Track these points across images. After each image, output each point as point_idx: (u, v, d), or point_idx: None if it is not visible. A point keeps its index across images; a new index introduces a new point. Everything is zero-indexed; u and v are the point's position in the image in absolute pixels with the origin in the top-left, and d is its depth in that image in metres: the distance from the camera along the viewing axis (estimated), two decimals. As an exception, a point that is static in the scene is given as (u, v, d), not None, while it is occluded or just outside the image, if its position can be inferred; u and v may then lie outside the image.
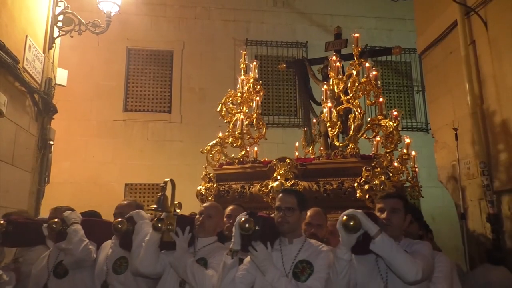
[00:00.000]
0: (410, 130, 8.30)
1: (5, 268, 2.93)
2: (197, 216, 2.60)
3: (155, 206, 2.51)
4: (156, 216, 2.70)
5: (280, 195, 2.35)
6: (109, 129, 7.79)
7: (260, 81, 4.90)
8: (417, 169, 4.85)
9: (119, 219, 2.64)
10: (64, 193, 6.87)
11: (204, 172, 4.34)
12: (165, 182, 2.54)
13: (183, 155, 7.60)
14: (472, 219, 4.67)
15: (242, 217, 2.19)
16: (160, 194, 2.52)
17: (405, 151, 4.62)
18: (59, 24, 5.50)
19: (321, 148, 5.27)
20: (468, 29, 4.70)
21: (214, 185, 4.20)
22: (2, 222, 3.03)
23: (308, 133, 5.36)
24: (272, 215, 2.40)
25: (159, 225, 2.43)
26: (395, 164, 4.27)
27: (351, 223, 1.96)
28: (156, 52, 8.39)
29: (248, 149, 4.50)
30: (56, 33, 5.52)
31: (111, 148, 7.71)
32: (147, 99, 8.25)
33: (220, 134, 4.49)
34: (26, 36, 4.79)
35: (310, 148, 5.30)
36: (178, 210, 2.58)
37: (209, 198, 4.11)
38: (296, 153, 5.39)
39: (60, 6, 5.52)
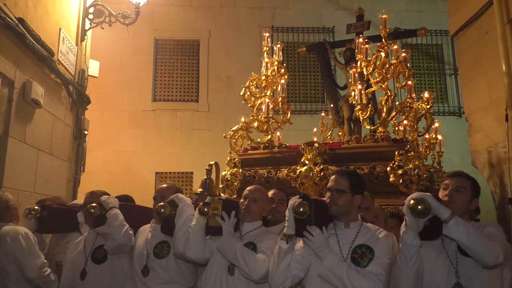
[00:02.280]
0: (442, 114, 8.08)
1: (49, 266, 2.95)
2: (242, 200, 2.53)
3: (200, 189, 2.44)
4: (198, 200, 2.66)
5: (333, 176, 2.21)
6: (139, 119, 7.96)
7: (285, 64, 4.85)
8: (442, 154, 4.74)
9: (161, 203, 2.54)
10: (99, 181, 7.09)
11: (228, 158, 4.31)
12: (210, 165, 2.49)
13: (212, 144, 7.69)
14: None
15: (296, 200, 2.08)
16: (205, 177, 2.46)
17: (433, 135, 4.53)
18: (90, 16, 5.65)
19: (340, 133, 5.21)
20: (505, 8, 4.49)
21: (240, 171, 4.15)
22: (36, 207, 3.04)
23: (327, 118, 5.26)
24: (324, 198, 2.27)
25: (206, 209, 2.36)
26: (420, 148, 4.20)
27: (420, 207, 1.85)
28: (182, 42, 8.46)
29: (272, 134, 4.46)
30: (87, 25, 5.66)
31: (141, 137, 7.89)
32: (175, 88, 8.36)
33: (242, 119, 4.46)
34: (60, 29, 4.94)
35: (329, 134, 5.24)
36: (222, 194, 2.54)
37: (235, 184, 4.09)
38: (315, 139, 5.34)
39: (90, -1, 5.65)
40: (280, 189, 3.05)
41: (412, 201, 1.89)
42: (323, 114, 5.45)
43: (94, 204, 2.70)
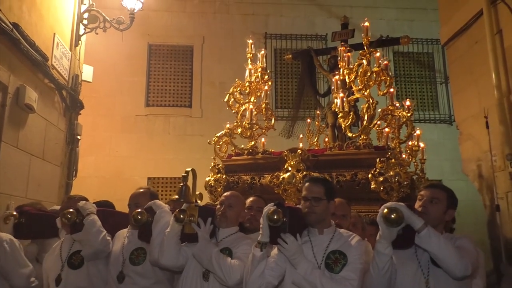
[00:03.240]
0: (433, 122, 8.19)
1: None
2: (218, 206, 2.53)
3: (176, 196, 2.42)
4: (174, 207, 2.64)
5: (306, 184, 2.24)
6: (132, 124, 7.93)
7: (268, 71, 4.88)
8: (425, 161, 4.81)
9: (139, 210, 2.51)
10: (90, 186, 7.04)
11: (212, 163, 4.31)
12: (187, 172, 2.47)
13: (204, 149, 7.62)
14: (499, 212, 4.60)
15: (270, 208, 2.09)
16: (181, 184, 2.44)
17: (415, 142, 4.60)
18: (85, 21, 5.64)
19: (326, 139, 5.26)
20: (494, 18, 4.61)
21: (223, 176, 4.14)
22: (14, 213, 2.97)
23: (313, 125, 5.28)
24: (299, 205, 2.29)
25: (181, 216, 2.34)
26: (403, 156, 4.25)
27: (393, 216, 1.87)
28: (176, 47, 8.48)
29: (256, 140, 4.45)
30: (81, 31, 5.65)
31: (134, 142, 7.86)
32: (168, 94, 8.35)
33: (227, 125, 4.46)
34: (54, 34, 4.93)
35: (316, 140, 5.29)
36: (199, 201, 2.52)
37: (218, 190, 4.07)
38: (301, 145, 5.36)
39: (85, 4, 5.65)
40: (259, 196, 3.03)
41: (385, 210, 1.92)
42: (309, 120, 5.51)
43: (71, 210, 2.64)
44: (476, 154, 5.00)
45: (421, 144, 4.88)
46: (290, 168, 3.77)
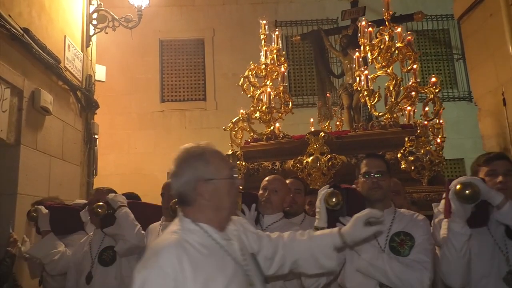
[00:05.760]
0: (452, 100, 7.98)
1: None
2: (261, 192, 2.37)
3: None
4: None
5: (365, 160, 2.05)
6: (149, 121, 8.05)
7: (284, 52, 4.72)
8: (445, 139, 4.67)
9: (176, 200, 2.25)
10: (112, 184, 7.05)
11: (230, 151, 4.15)
12: (228, 155, 2.43)
13: (221, 141, 7.66)
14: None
15: (327, 190, 1.92)
16: None
17: (436, 120, 4.48)
18: (94, 22, 5.72)
19: (337, 123, 5.13)
20: (509, -12, 4.43)
21: (243, 163, 4.00)
22: (41, 208, 2.76)
23: (324, 108, 5.18)
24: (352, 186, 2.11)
25: None
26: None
27: (468, 192, 1.70)
28: (187, 42, 8.51)
29: (273, 125, 4.32)
30: (92, 31, 5.74)
31: (151, 138, 7.97)
32: (182, 88, 8.42)
33: (242, 111, 4.35)
34: (65, 36, 5.02)
35: (327, 124, 5.18)
36: (240, 187, 2.31)
37: (238, 177, 4.00)
38: (312, 129, 5.25)
39: (93, 5, 5.72)
40: (296, 177, 2.88)
41: (459, 186, 1.73)
42: (319, 103, 5.39)
43: (101, 203, 2.49)
44: (496, 129, 4.85)
45: (440, 121, 4.76)
46: (313, 152, 3.69)
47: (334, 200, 1.87)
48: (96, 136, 5.70)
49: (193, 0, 8.53)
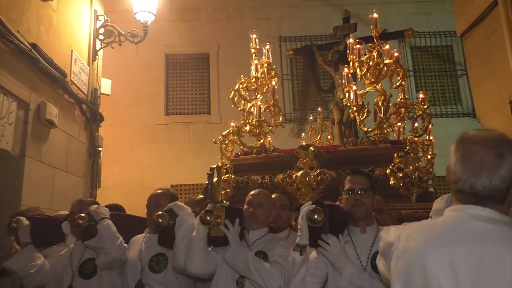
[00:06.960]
0: (456, 116, 7.97)
1: None
2: (246, 207, 2.32)
3: (201, 196, 2.20)
4: (195, 209, 2.44)
5: (349, 177, 2.04)
6: (153, 133, 8.10)
7: (274, 66, 4.71)
8: (435, 156, 4.65)
9: (160, 213, 2.27)
10: (115, 196, 7.19)
11: (220, 163, 4.12)
12: (212, 169, 2.26)
13: (225, 155, 7.75)
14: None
15: (309, 207, 1.90)
16: (207, 182, 2.19)
17: (426, 137, 4.47)
18: (101, 37, 5.83)
19: (329, 137, 5.14)
20: (510, 6, 4.46)
21: (232, 176, 3.96)
22: (22, 219, 2.68)
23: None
24: (336, 202, 2.08)
25: (208, 218, 2.12)
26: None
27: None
28: (192, 56, 8.62)
29: (264, 139, 4.32)
30: (98, 46, 5.84)
31: (155, 151, 8.02)
32: (187, 102, 8.50)
33: (232, 124, 4.35)
34: (72, 51, 5.12)
35: (318, 138, 5.19)
36: (225, 201, 2.34)
37: (227, 190, 3.92)
38: (303, 143, 5.23)
39: (100, 20, 5.84)
40: (282, 192, 2.85)
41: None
42: (311, 118, 5.41)
43: (82, 214, 2.43)
44: (499, 147, 4.83)
45: (430, 138, 4.75)
46: (303, 166, 3.67)
47: (316, 217, 1.86)
48: (100, 149, 5.76)
49: (198, 15, 8.66)
